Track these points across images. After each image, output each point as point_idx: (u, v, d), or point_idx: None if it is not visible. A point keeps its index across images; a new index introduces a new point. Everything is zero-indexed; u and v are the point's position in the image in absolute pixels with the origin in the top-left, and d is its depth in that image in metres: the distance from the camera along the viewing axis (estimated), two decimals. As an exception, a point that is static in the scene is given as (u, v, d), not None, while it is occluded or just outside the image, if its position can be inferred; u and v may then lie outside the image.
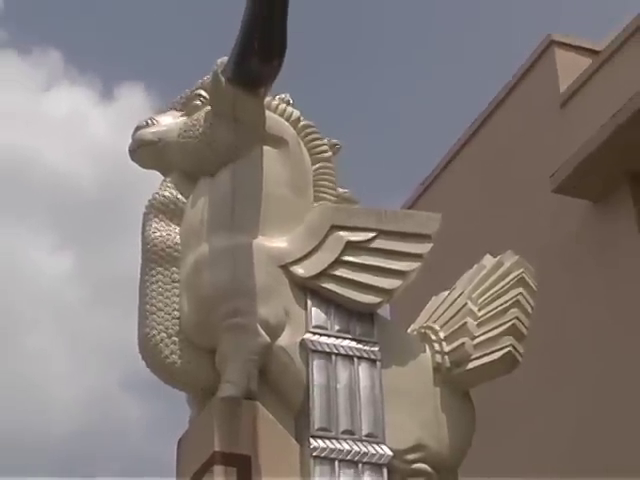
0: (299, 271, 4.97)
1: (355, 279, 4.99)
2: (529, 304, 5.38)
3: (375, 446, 4.74)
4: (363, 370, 4.91)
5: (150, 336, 4.87)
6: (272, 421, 4.66)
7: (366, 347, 4.96)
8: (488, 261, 5.57)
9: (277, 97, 5.38)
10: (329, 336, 4.91)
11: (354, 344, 4.94)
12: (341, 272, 5.00)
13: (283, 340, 4.83)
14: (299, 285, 4.96)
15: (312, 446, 4.63)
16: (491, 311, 5.30)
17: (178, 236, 5.06)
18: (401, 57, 22.65)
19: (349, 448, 4.69)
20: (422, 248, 5.16)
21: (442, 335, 5.26)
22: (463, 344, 5.19)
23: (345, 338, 4.94)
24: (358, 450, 4.69)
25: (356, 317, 5.01)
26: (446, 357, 5.19)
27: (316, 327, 4.91)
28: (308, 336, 4.86)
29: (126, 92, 30.28)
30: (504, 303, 5.31)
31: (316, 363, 4.81)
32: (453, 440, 5.02)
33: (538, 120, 10.56)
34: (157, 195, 5.18)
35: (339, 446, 4.67)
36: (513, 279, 5.40)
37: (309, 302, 4.95)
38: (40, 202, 24.01)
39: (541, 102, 10.57)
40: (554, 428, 9.55)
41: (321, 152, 5.40)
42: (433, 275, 5.28)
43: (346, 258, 5.03)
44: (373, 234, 5.11)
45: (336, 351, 4.88)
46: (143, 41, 24.22)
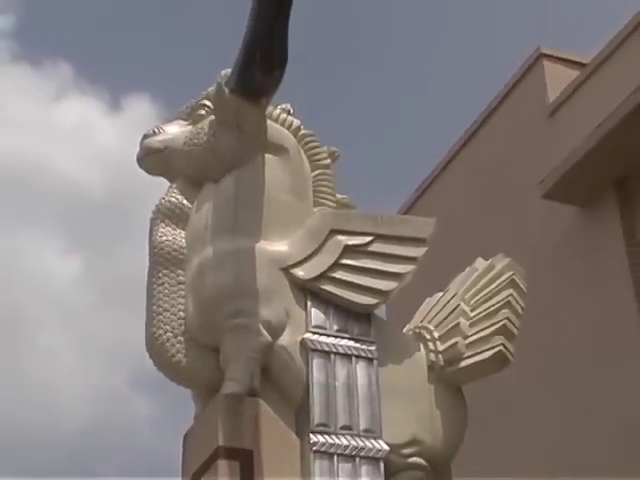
0: (299, 273, 4.97)
1: (353, 281, 5.00)
2: (519, 305, 5.38)
3: (372, 441, 4.74)
4: (360, 368, 4.90)
5: (157, 336, 4.87)
6: (274, 417, 4.66)
7: (363, 346, 4.96)
8: (480, 264, 5.57)
9: (278, 107, 5.38)
10: (328, 336, 4.91)
11: (352, 343, 4.94)
12: (340, 274, 5.00)
13: (284, 339, 4.82)
14: (299, 287, 4.96)
15: (312, 441, 4.63)
16: (483, 312, 5.31)
17: (183, 240, 5.06)
18: (397, 70, 22.69)
19: (347, 443, 4.68)
20: (417, 251, 5.16)
21: (436, 335, 5.26)
22: (456, 343, 5.19)
23: (343, 338, 4.94)
24: (356, 445, 4.69)
25: (354, 317, 5.01)
26: (440, 356, 5.19)
27: (316, 327, 4.91)
28: (308, 336, 4.86)
29: (133, 102, 30.34)
30: (495, 304, 5.31)
31: (316, 362, 4.81)
32: (447, 435, 5.02)
33: (528, 129, 10.58)
34: (163, 201, 5.19)
35: (338, 441, 4.67)
36: (504, 281, 5.40)
37: (309, 303, 4.95)
38: (50, 207, 24.03)
39: (531, 112, 10.59)
40: (543, 425, 9.56)
41: (320, 159, 5.40)
42: (427, 277, 5.28)
43: (344, 261, 5.03)
44: (370, 238, 5.11)
45: (335, 350, 4.88)
46: (149, 54, 24.24)
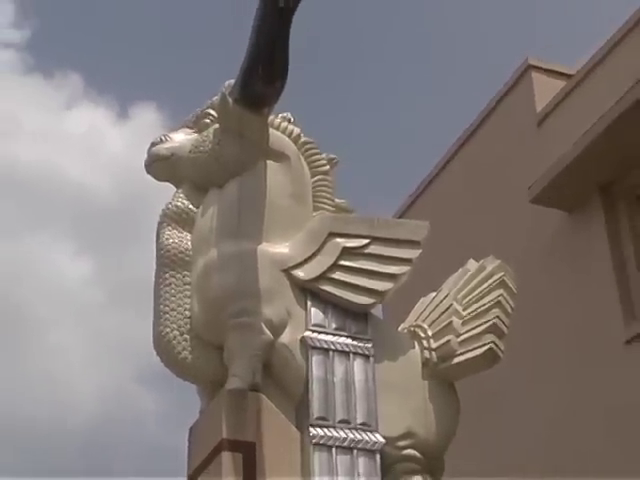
0: (300, 274, 4.97)
1: (351, 282, 5.00)
2: (509, 304, 5.38)
3: (369, 434, 4.74)
4: (358, 365, 4.90)
5: (164, 334, 4.87)
6: (275, 411, 4.66)
7: (360, 344, 4.96)
8: (472, 265, 5.58)
9: (280, 116, 5.39)
10: (327, 334, 4.91)
11: (349, 341, 4.94)
12: (338, 275, 5.00)
13: (285, 337, 4.82)
14: (300, 287, 4.96)
15: (311, 434, 4.63)
16: (474, 311, 5.31)
17: (189, 242, 5.07)
18: (392, 80, 22.69)
19: (345, 436, 4.69)
20: (411, 253, 5.16)
21: (430, 333, 5.26)
22: (449, 341, 5.19)
23: (341, 335, 4.94)
24: (353, 438, 4.69)
25: (351, 316, 5.00)
26: (433, 353, 5.19)
27: (315, 325, 4.91)
28: (308, 334, 4.86)
29: (140, 111, 30.35)
30: (486, 303, 5.31)
31: (315, 358, 4.81)
32: (440, 428, 5.02)
33: (517, 137, 10.59)
34: (170, 205, 5.19)
35: (336, 434, 4.67)
36: (495, 282, 5.40)
37: (309, 303, 4.95)
38: (61, 212, 24.06)
39: (520, 121, 10.60)
40: (531, 419, 9.57)
41: (320, 166, 5.40)
42: (422, 278, 5.29)
43: (342, 262, 5.03)
44: (367, 240, 5.12)
45: (333, 347, 4.88)
46: (155, 65, 24.25)
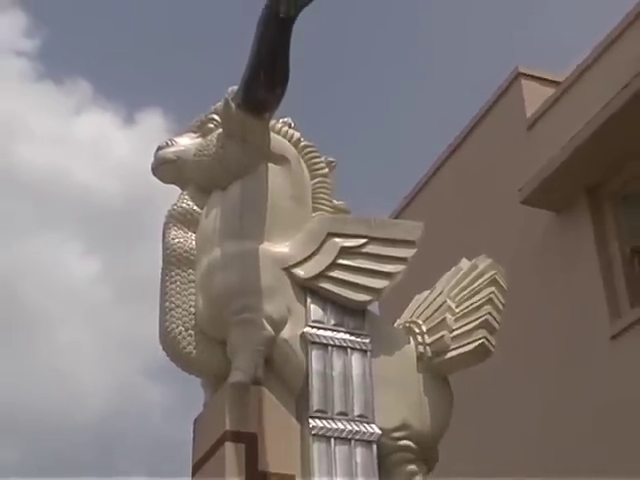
0: (300, 273, 4.96)
1: (349, 280, 4.99)
2: (500, 301, 5.37)
3: (366, 425, 4.73)
4: (355, 359, 4.90)
5: (169, 330, 4.87)
6: (276, 404, 4.66)
7: (358, 339, 4.95)
8: (464, 264, 5.57)
9: (280, 120, 5.38)
10: (326, 329, 4.90)
11: (348, 336, 4.93)
12: (336, 273, 4.99)
13: (286, 333, 4.82)
14: (299, 285, 4.95)
15: (311, 425, 4.63)
16: (467, 307, 5.30)
17: (194, 242, 5.06)
18: (386, 87, 22.69)
19: (343, 427, 4.68)
20: (407, 253, 5.16)
21: (424, 328, 5.24)
22: (442, 336, 5.18)
23: (340, 331, 4.93)
24: (351, 429, 4.69)
25: (349, 313, 5.00)
26: (428, 348, 5.18)
27: (314, 322, 4.90)
28: (307, 329, 4.85)
29: (146, 117, 30.33)
30: (478, 300, 5.30)
31: (314, 353, 4.80)
32: (434, 420, 5.01)
33: (508, 141, 10.59)
34: (176, 206, 5.18)
35: (334, 425, 4.67)
36: (486, 279, 5.39)
37: (308, 300, 4.94)
38: (72, 213, 24.05)
39: (510, 126, 10.60)
40: (521, 412, 9.57)
41: (319, 169, 5.39)
42: (416, 276, 5.28)
43: (341, 261, 5.02)
44: (364, 240, 5.11)
45: (332, 343, 4.87)
46: (161, 72, 24.23)
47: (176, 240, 5.05)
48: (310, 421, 4.64)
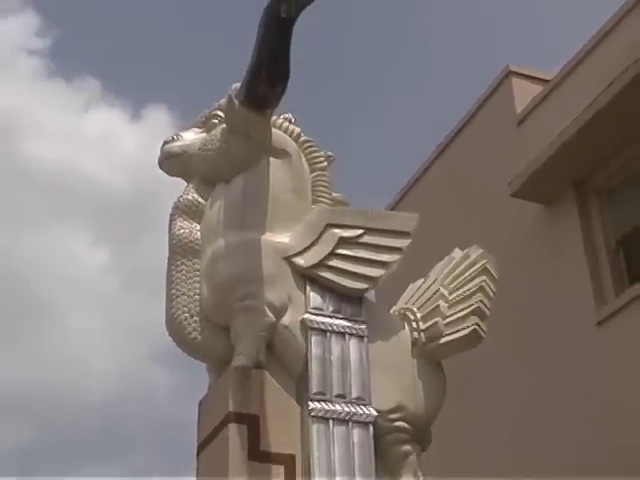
0: (300, 262, 4.96)
1: (346, 268, 4.99)
2: (491, 289, 5.37)
3: (363, 407, 4.74)
4: (353, 344, 4.90)
5: (175, 316, 4.87)
6: (277, 387, 4.66)
7: (355, 325, 4.95)
8: (457, 254, 5.56)
9: (281, 116, 5.37)
10: (325, 316, 4.90)
11: (345, 323, 4.93)
12: (335, 263, 4.99)
13: (286, 319, 4.82)
14: (300, 273, 4.95)
15: (310, 407, 4.63)
16: (459, 295, 5.30)
17: (199, 233, 5.05)
18: (382, 85, 22.65)
19: (341, 409, 4.69)
20: (402, 243, 5.15)
21: (419, 315, 5.25)
22: (436, 323, 5.19)
23: (338, 318, 4.93)
24: (349, 411, 4.69)
25: (347, 300, 4.99)
26: (422, 334, 5.18)
27: (314, 309, 4.90)
28: (307, 316, 4.85)
29: (152, 113, 30.19)
30: (470, 289, 5.30)
31: (314, 339, 4.80)
32: (427, 402, 5.02)
33: (498, 137, 10.57)
34: (181, 198, 5.18)
35: (333, 407, 4.67)
36: (478, 268, 5.39)
37: (308, 288, 4.94)
38: (81, 206, 24.02)
39: (501, 122, 10.58)
40: (512, 395, 9.57)
41: (318, 162, 5.38)
42: (411, 265, 5.28)
43: (339, 251, 5.02)
44: (361, 231, 5.10)
45: (330, 329, 4.87)
46: (167, 70, 24.18)
47: (182, 231, 5.05)
48: (310, 403, 4.64)
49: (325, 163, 5.43)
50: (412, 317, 5.25)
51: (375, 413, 4.75)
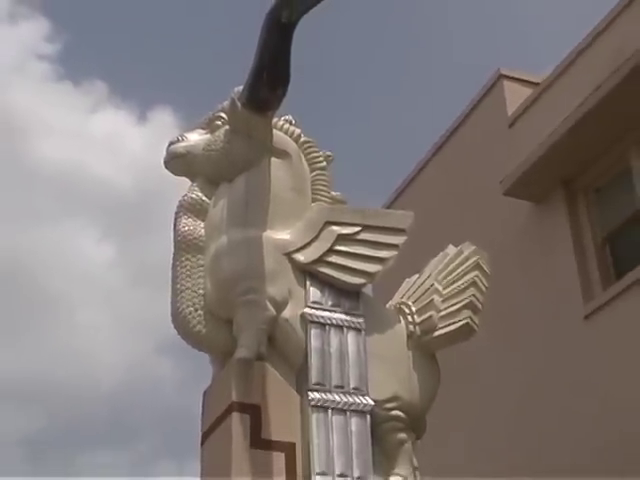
0: (300, 258, 4.96)
1: (345, 264, 4.99)
2: (484, 284, 5.38)
3: (360, 397, 4.75)
4: (351, 337, 4.90)
5: (180, 310, 4.87)
6: (278, 378, 4.66)
7: (353, 319, 4.95)
8: (451, 250, 5.57)
9: (282, 118, 5.37)
10: (324, 310, 4.90)
11: (344, 316, 4.94)
12: (334, 259, 4.99)
13: (287, 313, 4.82)
14: (300, 269, 4.95)
15: (310, 397, 4.64)
16: (453, 290, 5.31)
17: (203, 230, 5.05)
18: (379, 89, 22.64)
19: (339, 399, 4.70)
20: (398, 240, 5.16)
21: (414, 309, 5.26)
22: (431, 316, 5.20)
23: (336, 311, 4.93)
24: (347, 401, 4.70)
25: (345, 295, 5.00)
26: (417, 327, 5.19)
27: (313, 303, 4.90)
28: (307, 310, 4.86)
29: (158, 115, 30.15)
30: (463, 283, 5.31)
31: (313, 332, 4.81)
32: (422, 392, 5.03)
33: (491, 137, 10.57)
34: (186, 197, 5.18)
35: (331, 397, 4.68)
36: (471, 264, 5.40)
37: (308, 283, 4.94)
38: (88, 204, 24.00)
39: (493, 123, 10.57)
40: (503, 386, 9.58)
41: (317, 162, 5.38)
42: (407, 261, 5.28)
43: (337, 247, 5.02)
44: (359, 228, 5.10)
45: (329, 322, 4.87)
46: (171, 73, 24.15)
47: (186, 228, 5.05)
48: (309, 393, 4.65)
49: (324, 163, 5.42)
50: (407, 311, 5.26)
51: (372, 403, 4.75)
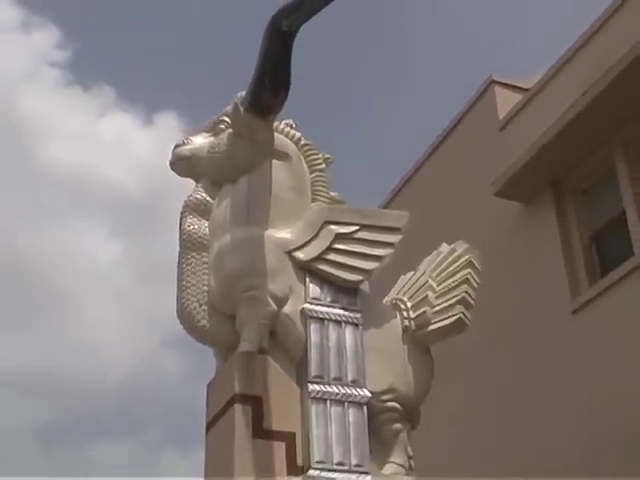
0: (300, 256, 4.96)
1: (343, 262, 4.99)
2: (476, 281, 5.39)
3: (358, 389, 4.75)
4: (348, 332, 4.90)
5: (185, 306, 4.87)
6: (279, 370, 4.67)
7: (351, 314, 4.95)
8: (444, 248, 5.57)
9: (283, 122, 5.37)
10: (323, 306, 4.90)
11: (342, 312, 4.93)
12: (332, 257, 4.99)
13: (287, 309, 4.82)
14: (300, 266, 4.95)
15: (309, 389, 4.64)
16: (446, 286, 5.31)
17: (207, 229, 5.05)
18: (376, 93, 22.64)
19: (338, 391, 4.70)
20: (394, 238, 5.16)
21: (409, 305, 5.26)
22: (425, 312, 5.20)
23: (335, 307, 4.93)
24: (345, 392, 4.70)
25: (343, 291, 5.00)
26: (412, 322, 5.20)
27: (313, 299, 4.90)
28: (307, 306, 4.86)
29: (164, 119, 30.13)
30: (456, 280, 5.32)
31: (312, 326, 4.81)
32: (417, 385, 5.03)
33: (482, 141, 10.58)
34: (191, 197, 5.18)
35: (330, 389, 4.68)
36: (463, 262, 5.40)
37: (307, 279, 4.94)
38: (97, 204, 23.99)
39: (484, 127, 10.58)
40: (495, 379, 9.59)
41: (317, 164, 5.39)
42: (402, 259, 5.28)
43: (336, 246, 5.02)
44: (356, 227, 5.10)
45: (328, 317, 4.87)
46: (177, 79, 24.14)
47: (191, 227, 5.05)
48: (309, 385, 4.65)
49: (323, 165, 5.43)
50: (403, 307, 5.26)
51: (369, 394, 4.75)
